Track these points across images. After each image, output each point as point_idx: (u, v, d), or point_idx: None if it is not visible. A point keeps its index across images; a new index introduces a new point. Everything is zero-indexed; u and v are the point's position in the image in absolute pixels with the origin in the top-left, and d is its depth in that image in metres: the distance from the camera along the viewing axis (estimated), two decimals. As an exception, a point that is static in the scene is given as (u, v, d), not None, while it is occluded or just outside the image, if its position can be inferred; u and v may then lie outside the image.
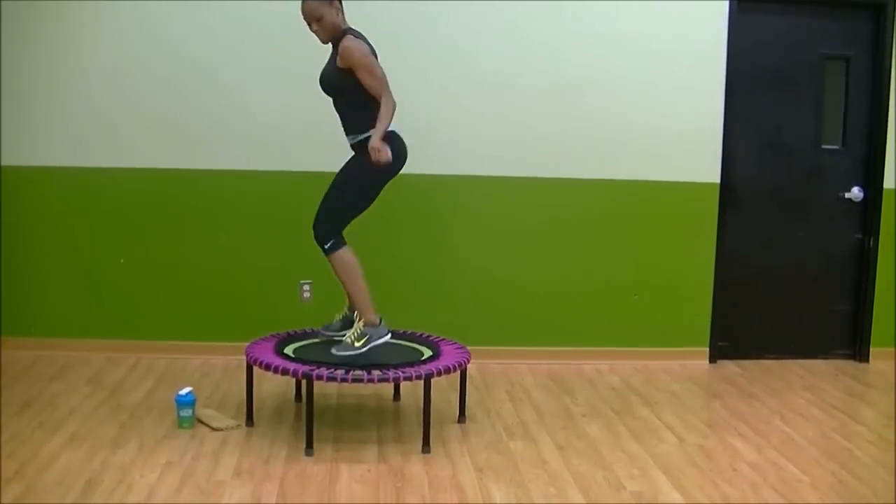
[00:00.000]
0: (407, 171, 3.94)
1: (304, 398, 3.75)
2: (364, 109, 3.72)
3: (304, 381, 3.75)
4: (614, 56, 5.03)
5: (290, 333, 4.21)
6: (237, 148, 4.92)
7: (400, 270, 5.03)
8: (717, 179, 5.15)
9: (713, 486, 3.46)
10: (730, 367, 5.23)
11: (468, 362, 3.97)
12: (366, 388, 4.43)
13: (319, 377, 3.60)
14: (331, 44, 3.80)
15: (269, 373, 3.76)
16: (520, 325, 5.16)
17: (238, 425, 3.93)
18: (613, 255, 5.17)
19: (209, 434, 3.82)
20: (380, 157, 3.60)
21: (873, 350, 5.40)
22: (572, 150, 5.07)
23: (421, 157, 4.85)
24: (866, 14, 5.23)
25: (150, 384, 4.48)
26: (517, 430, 4.03)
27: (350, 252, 3.83)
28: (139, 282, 4.98)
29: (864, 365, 5.36)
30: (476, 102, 4.99)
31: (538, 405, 4.39)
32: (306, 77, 3.98)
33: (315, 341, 4.08)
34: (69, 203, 4.93)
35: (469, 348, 4.13)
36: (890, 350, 5.37)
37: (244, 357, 3.94)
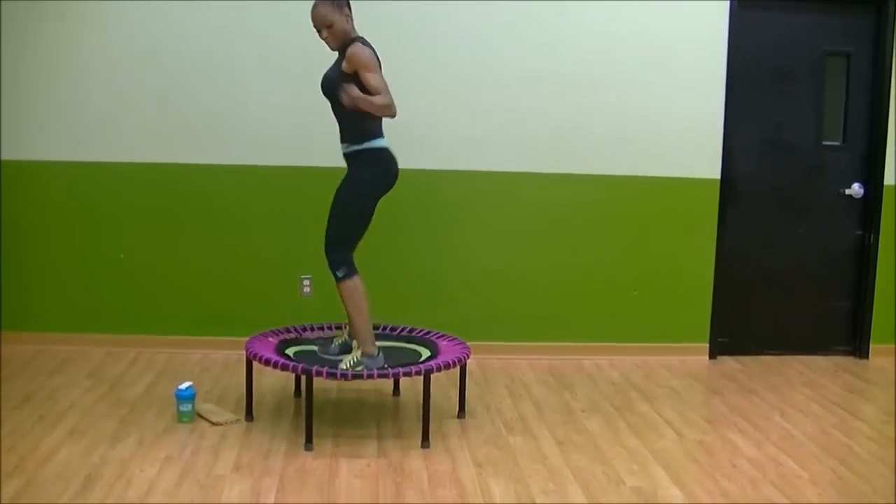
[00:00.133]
0: (407, 166, 3.94)
1: (304, 393, 3.74)
2: (363, 119, 3.70)
3: (303, 377, 3.75)
4: (615, 52, 5.02)
5: (289, 329, 4.22)
6: (237, 143, 4.92)
7: (400, 266, 5.03)
8: (718, 176, 5.15)
9: (713, 482, 3.47)
10: (730, 363, 5.23)
11: (468, 358, 3.98)
12: (365, 384, 4.43)
13: (319, 373, 3.61)
14: (337, 51, 3.79)
15: (269, 368, 3.77)
16: (520, 320, 5.16)
17: (238, 420, 3.94)
18: (613, 251, 5.17)
19: (209, 429, 3.83)
20: (349, 91, 3.56)
21: (873, 346, 5.39)
22: (573, 147, 5.07)
23: (421, 153, 4.89)
24: (867, 10, 5.22)
25: (150, 379, 4.49)
26: (517, 425, 4.03)
27: (359, 283, 3.80)
28: (139, 276, 4.98)
29: (863, 361, 5.35)
30: (476, 99, 4.98)
31: (538, 400, 4.40)
32: (305, 73, 3.99)
33: (313, 348, 4.04)
34: (69, 198, 4.93)
35: (469, 343, 4.14)
36: (890, 346, 5.37)
37: (244, 352, 3.94)
